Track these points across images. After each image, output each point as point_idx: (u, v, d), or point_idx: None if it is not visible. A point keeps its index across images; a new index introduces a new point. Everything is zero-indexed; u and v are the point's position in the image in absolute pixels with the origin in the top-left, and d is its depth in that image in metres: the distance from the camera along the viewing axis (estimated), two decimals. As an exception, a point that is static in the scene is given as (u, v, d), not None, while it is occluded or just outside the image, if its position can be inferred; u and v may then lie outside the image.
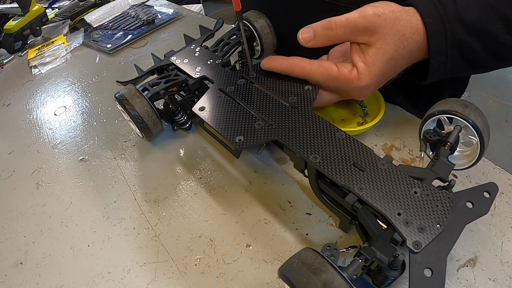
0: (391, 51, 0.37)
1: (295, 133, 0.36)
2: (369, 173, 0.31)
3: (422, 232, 0.28)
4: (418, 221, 0.28)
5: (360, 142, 0.34)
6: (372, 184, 0.31)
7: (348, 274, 0.26)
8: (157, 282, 0.36)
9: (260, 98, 0.40)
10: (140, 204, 0.43)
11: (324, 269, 0.24)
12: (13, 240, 0.43)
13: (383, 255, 0.27)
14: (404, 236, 0.27)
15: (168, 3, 0.92)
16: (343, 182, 0.31)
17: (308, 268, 0.25)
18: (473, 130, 0.33)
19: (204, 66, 0.48)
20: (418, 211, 0.29)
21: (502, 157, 1.27)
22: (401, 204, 0.29)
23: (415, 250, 0.27)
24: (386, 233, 0.29)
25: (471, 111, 0.34)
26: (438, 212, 0.29)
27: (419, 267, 0.27)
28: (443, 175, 0.32)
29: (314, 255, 0.26)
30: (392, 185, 0.30)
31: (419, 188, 0.30)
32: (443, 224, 0.28)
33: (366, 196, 0.30)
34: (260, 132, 0.37)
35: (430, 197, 0.29)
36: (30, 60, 0.79)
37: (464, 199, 0.30)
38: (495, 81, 1.59)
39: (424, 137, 0.37)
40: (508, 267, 0.33)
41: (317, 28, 0.39)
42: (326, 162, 0.33)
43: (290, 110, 0.38)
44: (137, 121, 0.45)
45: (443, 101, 0.36)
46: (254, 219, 0.39)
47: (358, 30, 0.37)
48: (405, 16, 0.37)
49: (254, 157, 0.46)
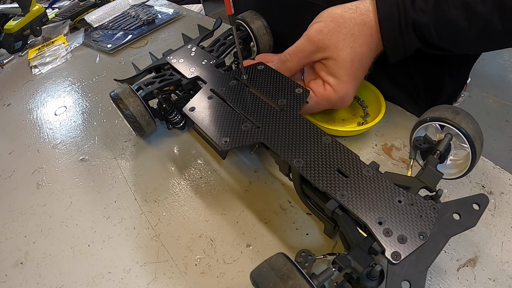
0: (349, 55, 0.39)
1: (281, 136, 0.35)
2: (353, 179, 0.31)
3: (402, 243, 0.27)
4: (400, 231, 0.27)
5: (346, 148, 0.33)
6: (354, 191, 0.30)
7: (318, 282, 0.25)
8: (157, 282, 0.36)
9: (250, 100, 0.40)
10: (140, 204, 0.43)
11: (292, 276, 0.24)
12: (13, 240, 0.43)
13: (358, 265, 0.26)
14: (383, 246, 0.27)
15: (168, 3, 0.92)
16: (325, 187, 0.31)
17: (277, 273, 0.24)
18: (464, 138, 0.32)
19: (199, 66, 0.48)
20: (400, 220, 0.28)
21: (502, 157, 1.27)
22: (383, 213, 0.28)
23: (394, 261, 0.26)
24: (365, 242, 0.28)
25: (462, 119, 0.33)
26: (422, 223, 0.28)
27: (396, 279, 0.26)
28: (430, 184, 0.31)
29: (284, 261, 0.25)
30: (375, 193, 0.30)
31: (404, 197, 0.29)
32: (425, 236, 0.27)
33: (347, 203, 0.29)
34: (246, 134, 0.36)
35: (415, 206, 0.29)
36: (30, 60, 0.79)
37: (452, 210, 0.29)
38: (495, 81, 1.59)
39: (414, 144, 0.36)
40: (508, 267, 0.33)
41: (278, 64, 0.43)
42: (309, 167, 0.32)
43: (279, 113, 0.38)
44: (130, 120, 0.46)
45: (435, 107, 0.35)
46: (254, 219, 0.39)
47: (309, 52, 0.40)
48: (349, 15, 0.38)
49: (254, 157, 0.46)
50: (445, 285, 0.32)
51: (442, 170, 0.33)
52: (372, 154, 0.44)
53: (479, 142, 0.33)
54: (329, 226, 0.35)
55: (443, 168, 0.36)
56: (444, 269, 0.33)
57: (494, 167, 0.41)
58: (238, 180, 0.44)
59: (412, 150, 0.36)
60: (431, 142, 0.35)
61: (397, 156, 0.44)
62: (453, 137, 0.34)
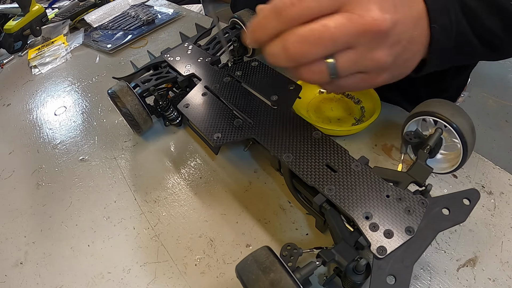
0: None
1: (272, 132, 0.36)
2: (341, 174, 0.31)
3: (389, 237, 0.27)
4: (386, 226, 0.27)
5: (336, 143, 0.34)
6: (342, 185, 0.30)
7: (301, 276, 0.26)
8: (157, 282, 0.36)
9: (242, 96, 0.41)
10: (140, 204, 0.43)
11: (274, 269, 0.24)
12: (13, 240, 0.43)
13: (343, 258, 0.27)
14: (369, 241, 0.27)
15: (168, 3, 0.92)
16: (312, 182, 0.31)
17: (259, 266, 0.25)
18: (455, 133, 0.32)
19: (194, 64, 0.49)
20: (387, 215, 0.28)
21: (502, 157, 1.27)
22: (370, 208, 0.28)
23: (379, 256, 0.26)
24: (351, 236, 0.28)
25: (454, 113, 0.32)
26: (409, 218, 0.28)
27: (381, 274, 0.26)
28: (419, 179, 0.31)
29: (267, 254, 0.26)
30: (363, 188, 0.30)
31: (392, 192, 0.29)
32: (413, 230, 0.27)
33: (335, 198, 0.29)
34: (238, 130, 0.37)
35: (403, 201, 0.28)
36: (30, 60, 0.79)
37: (441, 205, 0.28)
38: (495, 81, 1.59)
39: (404, 139, 0.36)
40: (508, 267, 0.33)
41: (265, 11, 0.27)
42: (298, 162, 0.32)
43: (271, 109, 0.39)
44: (128, 119, 0.46)
45: (426, 102, 0.35)
46: (254, 219, 0.39)
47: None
48: None
49: (254, 157, 0.46)
50: (445, 285, 0.32)
51: (433, 165, 0.33)
52: (372, 154, 0.44)
53: (471, 137, 0.33)
54: (320, 220, 0.35)
55: (434, 162, 0.36)
56: (444, 269, 0.33)
57: (494, 167, 0.41)
58: (238, 180, 0.44)
59: (403, 145, 0.36)
60: (422, 136, 0.35)
61: (397, 156, 0.43)
62: (443, 131, 0.34)
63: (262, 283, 0.24)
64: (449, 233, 0.35)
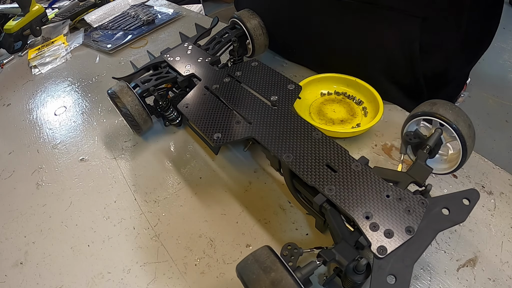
0: None
1: (272, 132, 0.36)
2: (341, 174, 0.31)
3: (389, 237, 0.27)
4: (387, 226, 0.27)
5: (336, 143, 0.34)
6: (342, 185, 0.30)
7: (301, 275, 0.26)
8: (157, 282, 0.36)
9: (242, 96, 0.41)
10: (140, 204, 0.43)
11: (275, 268, 0.24)
12: (13, 240, 0.43)
13: (343, 258, 0.27)
14: (369, 240, 0.27)
15: (168, 3, 0.92)
16: (313, 182, 0.31)
17: (260, 266, 0.25)
18: (455, 134, 0.32)
19: (194, 64, 0.49)
20: (387, 215, 0.28)
21: (502, 157, 1.27)
22: (370, 208, 0.28)
23: (380, 256, 0.26)
24: (351, 236, 0.28)
25: (454, 114, 0.32)
26: (409, 218, 0.28)
27: (382, 273, 0.26)
28: (419, 179, 0.31)
29: (268, 253, 0.26)
30: (363, 188, 0.30)
31: (392, 192, 0.29)
32: (413, 230, 0.27)
33: (335, 198, 0.29)
34: (238, 130, 0.37)
35: (403, 201, 0.28)
36: (30, 60, 0.79)
37: (441, 205, 0.28)
38: (495, 81, 1.59)
39: (404, 139, 0.36)
40: (508, 267, 0.33)
41: None
42: (298, 162, 0.32)
43: (271, 109, 0.38)
44: (128, 119, 0.46)
45: (426, 102, 0.35)
46: (254, 219, 0.39)
47: None
48: None
49: (254, 157, 0.46)
50: (445, 285, 0.32)
51: (433, 165, 0.33)
52: (372, 154, 0.44)
53: (471, 138, 0.33)
54: (320, 220, 0.35)
55: (433, 163, 0.36)
56: (444, 269, 0.33)
57: (494, 167, 0.41)
58: (238, 180, 0.44)
59: (402, 145, 0.36)
60: (422, 136, 0.35)
61: (397, 156, 0.43)
62: (443, 131, 0.34)
63: (263, 283, 0.24)
64: (449, 233, 0.35)
